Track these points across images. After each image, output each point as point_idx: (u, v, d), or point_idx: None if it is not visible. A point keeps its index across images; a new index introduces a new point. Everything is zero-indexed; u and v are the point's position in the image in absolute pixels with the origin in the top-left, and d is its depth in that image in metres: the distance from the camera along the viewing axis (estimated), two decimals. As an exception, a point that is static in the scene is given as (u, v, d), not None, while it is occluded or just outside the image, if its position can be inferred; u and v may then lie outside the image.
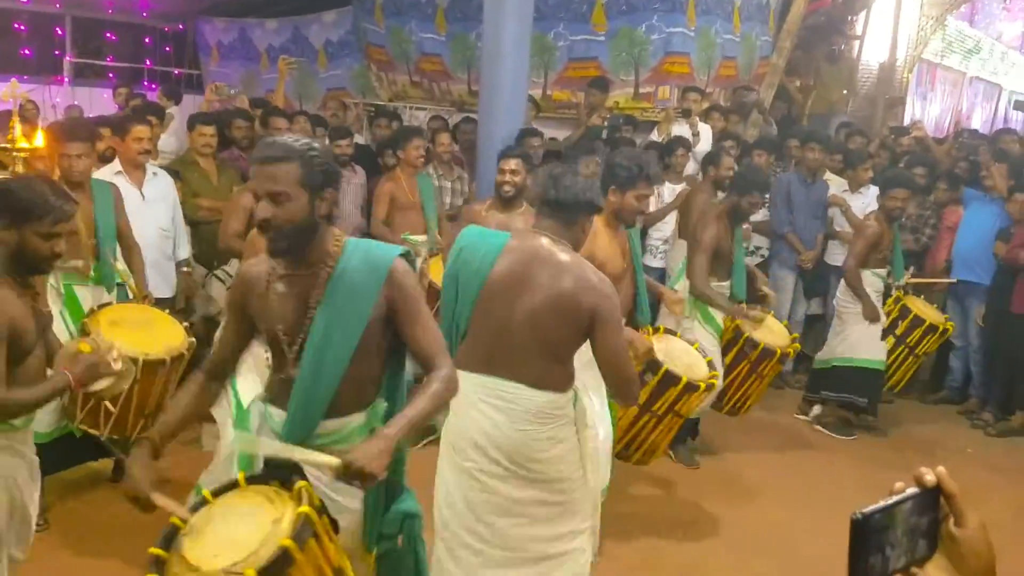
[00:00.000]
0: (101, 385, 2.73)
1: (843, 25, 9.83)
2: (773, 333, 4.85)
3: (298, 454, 2.13)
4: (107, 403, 3.53)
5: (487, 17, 6.44)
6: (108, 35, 11.31)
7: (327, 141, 6.91)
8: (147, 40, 11.58)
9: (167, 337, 3.88)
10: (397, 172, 6.06)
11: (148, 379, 3.67)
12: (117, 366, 2.70)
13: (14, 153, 5.02)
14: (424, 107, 9.21)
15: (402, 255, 2.31)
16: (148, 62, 11.44)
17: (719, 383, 4.41)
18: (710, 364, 4.24)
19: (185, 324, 4.07)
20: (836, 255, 6.44)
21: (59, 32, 10.74)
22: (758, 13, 8.51)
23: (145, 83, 10.89)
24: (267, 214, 2.15)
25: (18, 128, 5.28)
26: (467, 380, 2.67)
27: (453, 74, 8.94)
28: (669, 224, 6.54)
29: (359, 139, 7.40)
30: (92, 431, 3.78)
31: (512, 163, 4.88)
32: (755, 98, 7.95)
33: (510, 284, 2.80)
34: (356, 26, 9.75)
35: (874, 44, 10.11)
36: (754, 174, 5.05)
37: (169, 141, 7.09)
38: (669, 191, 6.70)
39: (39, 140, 5.43)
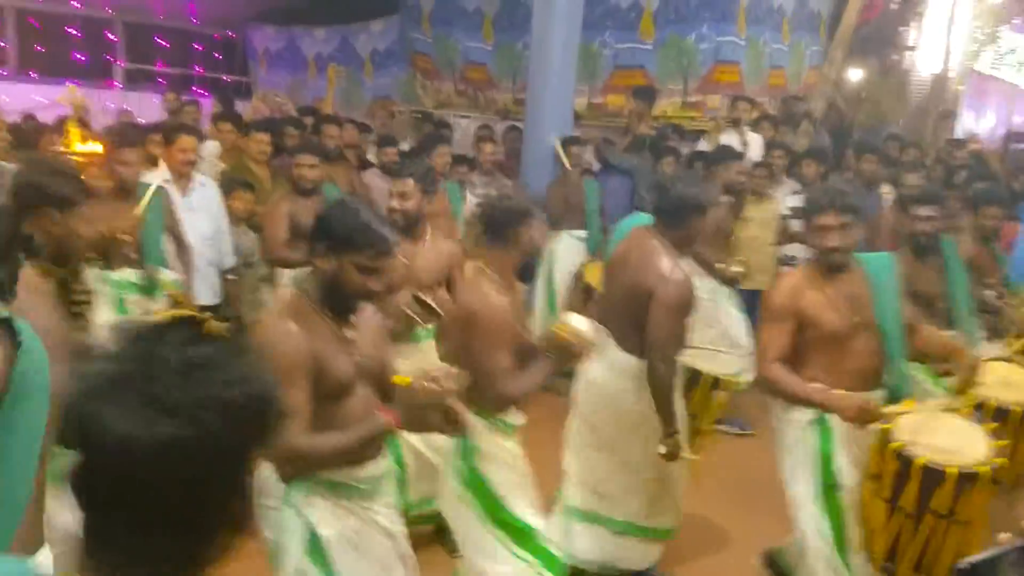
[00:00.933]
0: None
1: (895, 36, 9.68)
2: (1012, 387, 3.40)
3: None
4: None
5: (536, 26, 6.44)
6: (159, 40, 11.51)
7: (376, 148, 6.97)
8: (197, 46, 11.79)
9: None
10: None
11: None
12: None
13: (70, 157, 5.13)
14: (468, 115, 9.24)
15: None
16: (198, 68, 11.64)
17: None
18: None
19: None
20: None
21: (111, 37, 10.96)
22: (808, 23, 8.43)
23: (194, 89, 11.06)
24: None
25: (74, 133, 5.41)
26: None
27: (498, 83, 8.96)
28: (716, 235, 6.46)
29: (404, 146, 7.42)
30: None
31: (405, 185, 3.73)
32: (804, 108, 7.85)
33: (617, 266, 3.45)
34: (403, 35, 9.82)
35: (926, 55, 9.93)
36: (922, 193, 4.16)
37: (208, 145, 7.16)
38: (717, 202, 6.64)
39: (94, 145, 5.53)
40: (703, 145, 7.12)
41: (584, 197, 6.39)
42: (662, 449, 3.21)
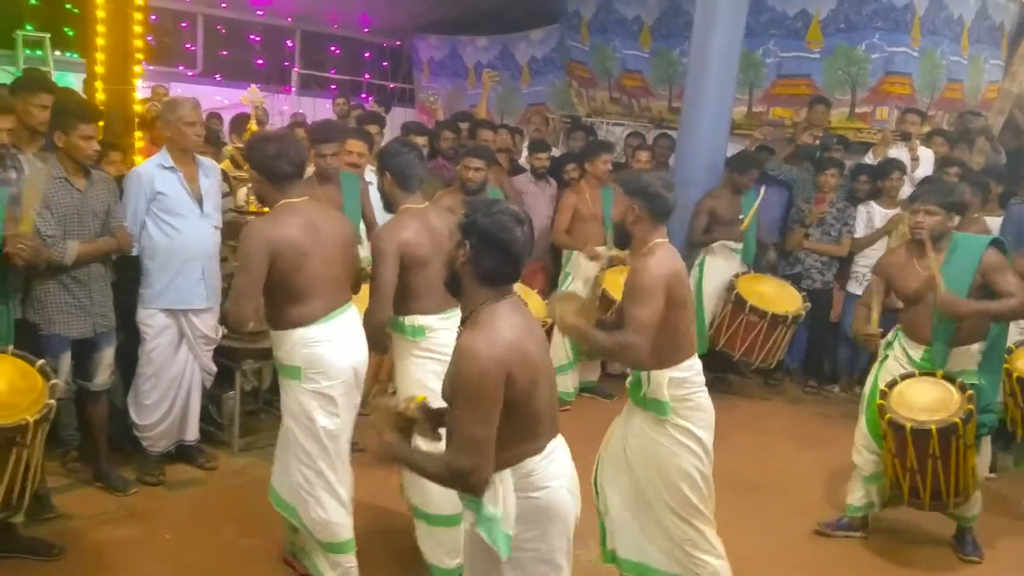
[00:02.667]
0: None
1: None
2: None
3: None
4: None
5: (696, 33, 6.38)
6: (332, 49, 12.15)
7: (526, 153, 7.10)
8: (367, 55, 12.36)
9: None
10: (581, 184, 6.13)
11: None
12: None
13: (250, 153, 5.52)
14: (621, 123, 9.26)
15: None
16: (366, 75, 12.20)
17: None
18: None
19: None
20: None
21: (289, 45, 11.65)
22: (989, 35, 7.94)
23: (363, 95, 11.61)
24: None
25: (255, 130, 5.80)
26: None
27: (654, 90, 8.93)
28: (878, 250, 6.17)
29: (556, 152, 7.51)
30: None
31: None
32: (982, 124, 7.39)
33: None
34: (561, 43, 9.95)
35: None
36: None
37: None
38: (880, 216, 6.36)
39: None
40: (869, 158, 6.85)
41: (739, 209, 6.27)
42: None
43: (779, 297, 6.01)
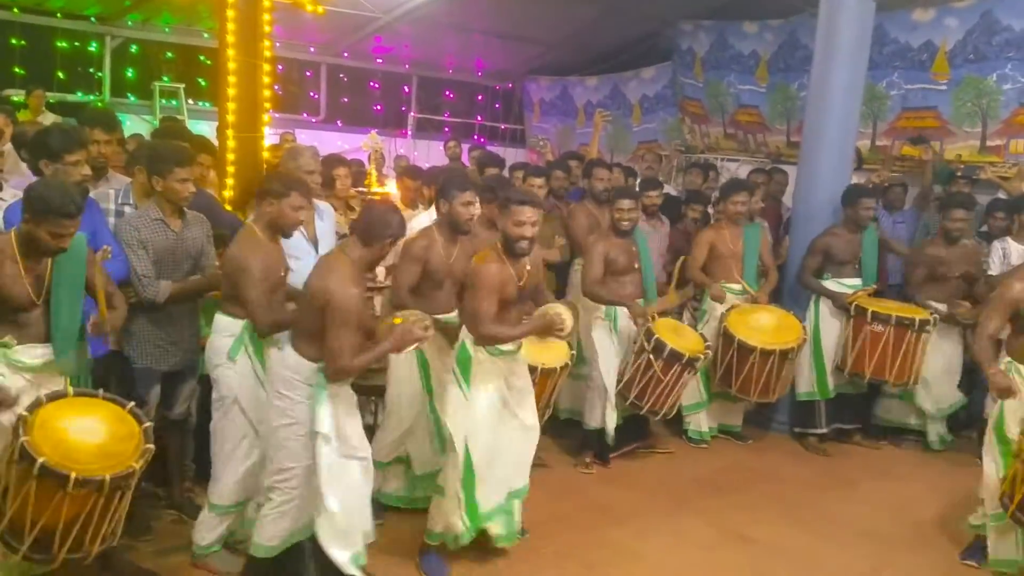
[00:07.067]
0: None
1: None
2: None
3: None
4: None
5: (816, 67, 6.23)
6: (447, 93, 12.49)
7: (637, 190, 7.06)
8: (479, 97, 12.64)
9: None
10: (721, 222, 6.04)
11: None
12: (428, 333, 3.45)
13: (368, 196, 5.71)
14: (736, 159, 9.11)
15: None
16: (479, 118, 12.47)
17: None
18: None
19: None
20: None
21: (406, 90, 12.04)
22: None
23: (475, 136, 11.85)
24: None
25: (374, 175, 6.01)
26: None
27: (771, 125, 8.76)
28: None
29: (669, 189, 7.42)
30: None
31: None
32: None
33: None
34: (673, 81, 9.90)
35: None
36: None
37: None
38: (1018, 253, 5.97)
39: (390, 187, 6.15)
40: (1003, 193, 6.49)
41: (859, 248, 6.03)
42: None
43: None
